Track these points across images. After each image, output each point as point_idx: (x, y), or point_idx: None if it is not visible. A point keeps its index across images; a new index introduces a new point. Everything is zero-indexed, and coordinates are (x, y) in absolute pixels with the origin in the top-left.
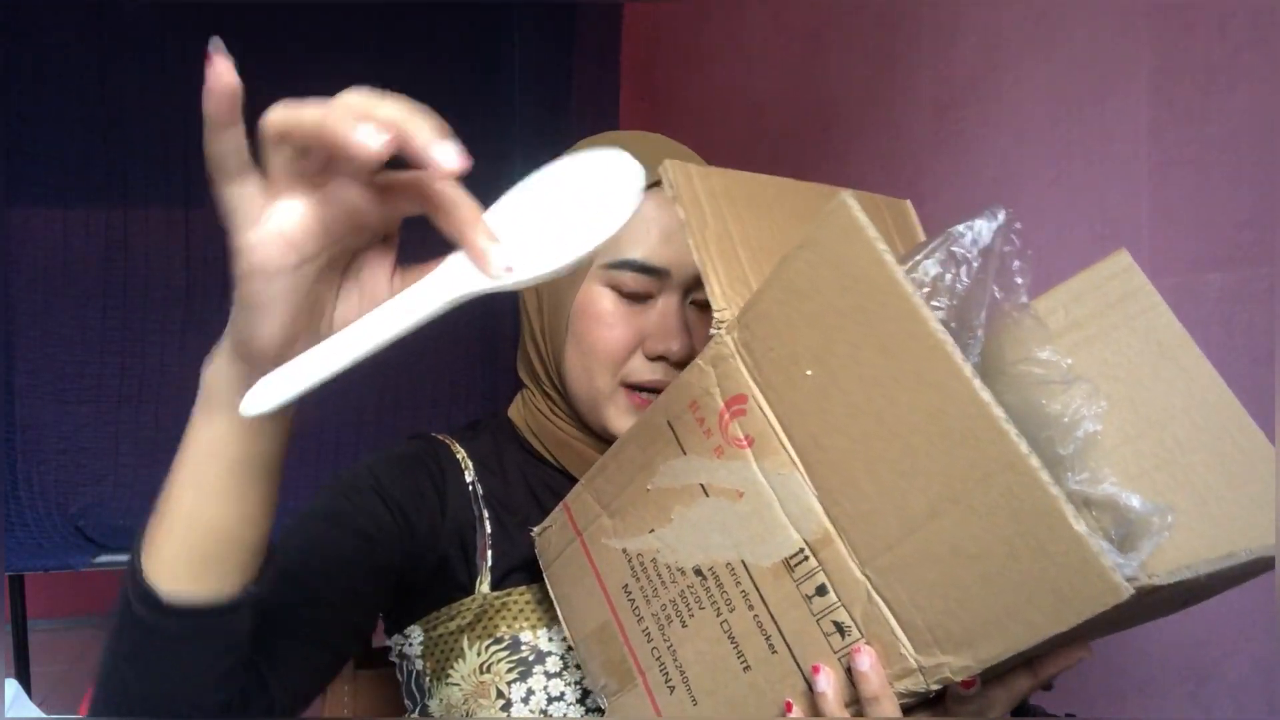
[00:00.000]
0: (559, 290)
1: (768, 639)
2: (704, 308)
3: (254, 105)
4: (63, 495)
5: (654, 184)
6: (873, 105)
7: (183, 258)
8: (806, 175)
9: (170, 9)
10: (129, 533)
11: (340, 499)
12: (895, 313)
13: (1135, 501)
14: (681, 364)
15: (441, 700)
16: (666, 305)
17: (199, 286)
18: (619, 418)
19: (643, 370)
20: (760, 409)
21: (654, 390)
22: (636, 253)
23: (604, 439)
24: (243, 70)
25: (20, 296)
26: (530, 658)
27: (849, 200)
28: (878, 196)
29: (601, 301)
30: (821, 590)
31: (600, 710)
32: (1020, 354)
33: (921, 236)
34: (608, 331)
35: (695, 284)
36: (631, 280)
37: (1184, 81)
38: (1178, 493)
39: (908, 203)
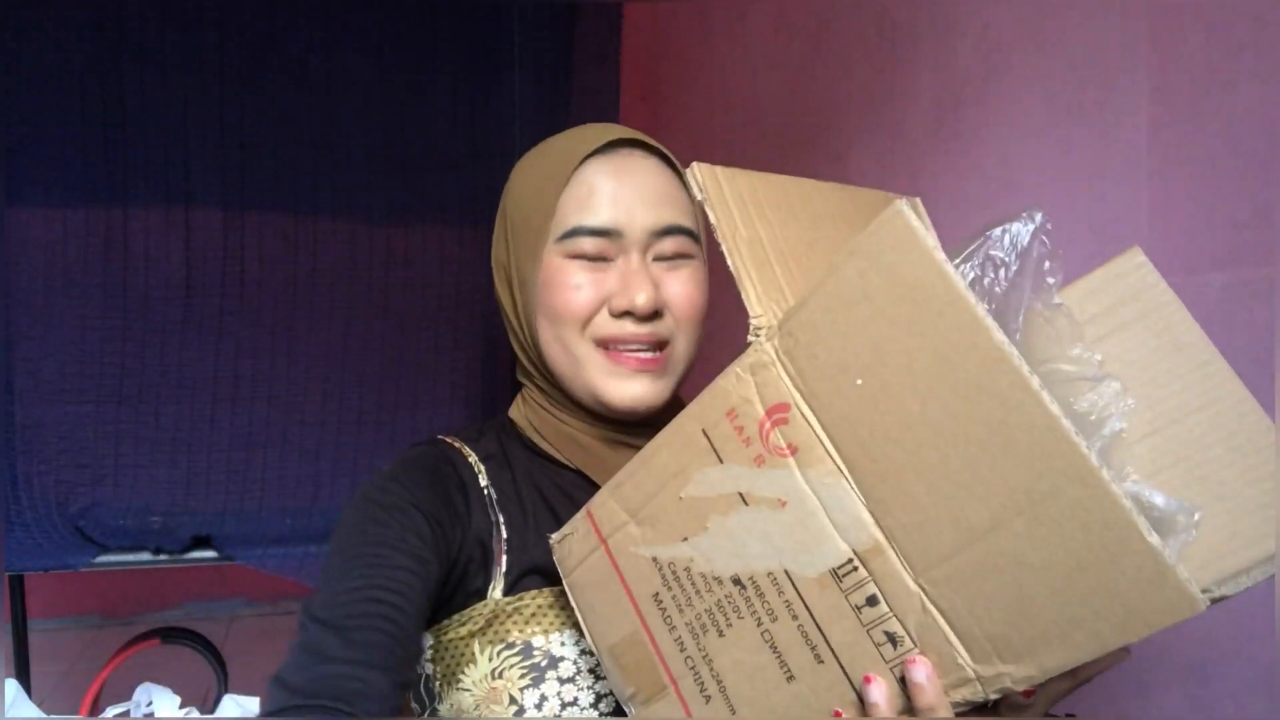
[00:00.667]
0: (524, 273)
1: (813, 649)
2: (668, 259)
3: (254, 104)
4: (63, 495)
5: (594, 153)
6: (873, 105)
7: (183, 258)
8: (806, 175)
9: (171, 8)
10: (129, 533)
11: (385, 522)
12: (956, 323)
13: (1159, 499)
14: (649, 318)
15: (452, 705)
16: (626, 264)
17: (199, 286)
18: (603, 381)
19: (609, 324)
20: (804, 417)
21: (624, 343)
22: (585, 219)
23: (602, 417)
24: (243, 70)
25: (20, 296)
26: (543, 663)
27: (904, 208)
28: (891, 196)
29: (563, 269)
30: (872, 601)
31: (613, 714)
32: (1052, 352)
33: (932, 234)
34: (572, 293)
35: (653, 241)
36: (586, 244)
37: (1184, 81)
38: (1195, 489)
39: (917, 201)
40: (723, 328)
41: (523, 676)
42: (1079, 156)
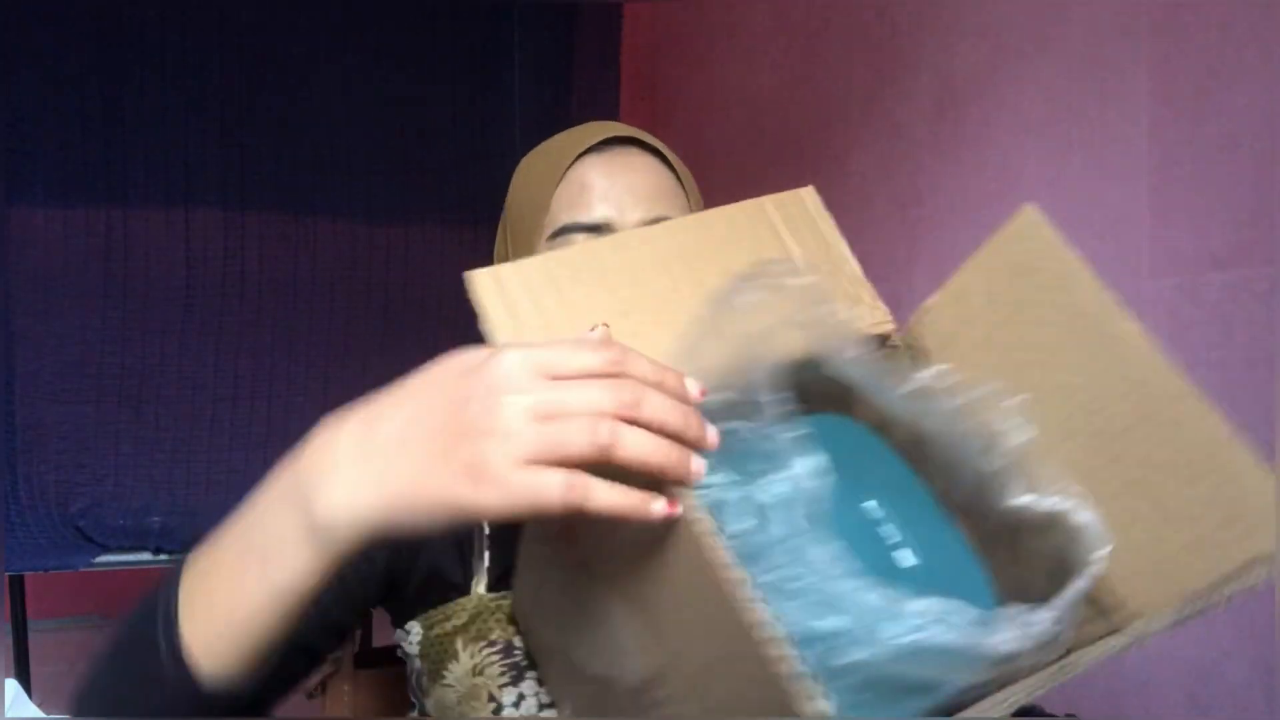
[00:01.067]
0: None
1: None
2: None
3: (254, 104)
4: (63, 495)
5: (588, 150)
6: (873, 105)
7: (183, 258)
8: (806, 175)
9: (171, 8)
10: (129, 533)
11: None
12: None
13: (1085, 516)
14: None
15: (436, 701)
16: None
17: (199, 286)
18: None
19: None
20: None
21: None
22: (577, 216)
23: None
24: (244, 71)
25: (20, 296)
26: (523, 662)
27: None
28: (777, 197)
29: None
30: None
31: None
32: (903, 383)
33: (824, 224)
34: None
35: None
36: (578, 240)
37: (1184, 81)
38: (1130, 495)
39: (807, 190)
40: None
41: (502, 674)
42: (1079, 156)
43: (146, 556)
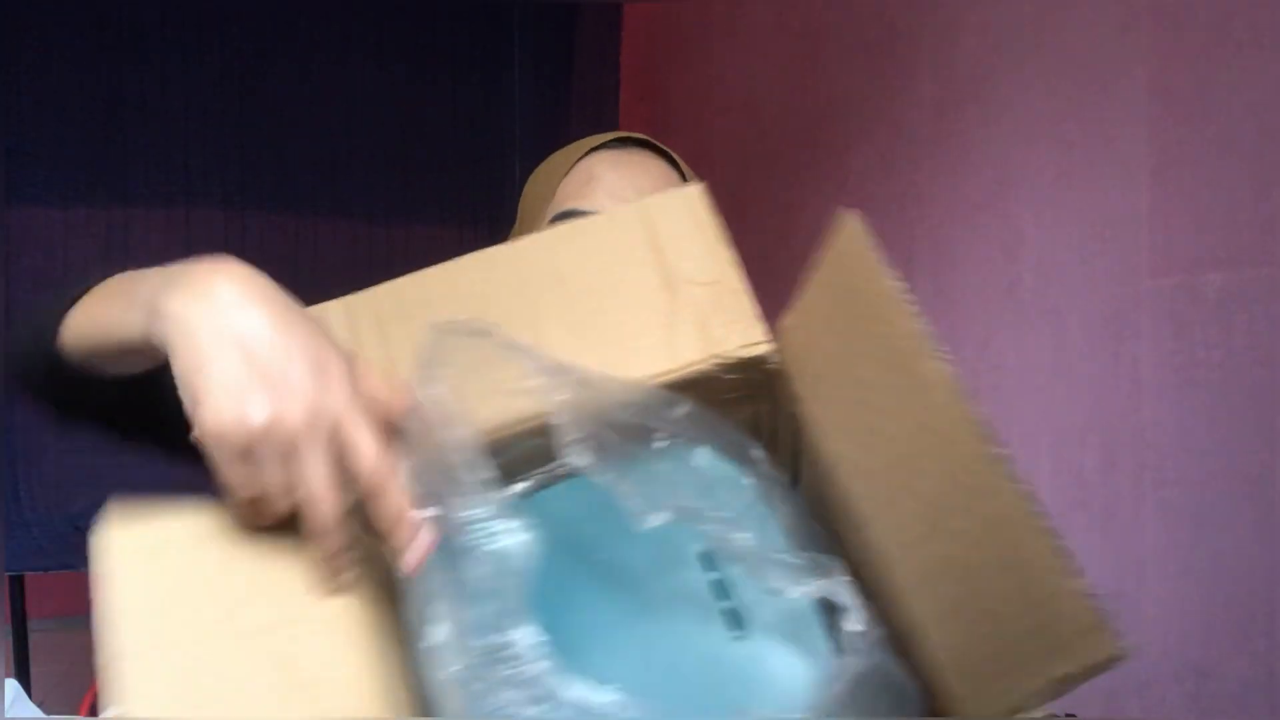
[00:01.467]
0: None
1: None
2: None
3: (254, 104)
4: (63, 495)
5: (601, 147)
6: (873, 105)
7: (183, 258)
8: (806, 175)
9: (172, 9)
10: None
11: None
12: None
13: (843, 599)
14: None
15: None
16: None
17: None
18: None
19: None
20: None
21: None
22: (579, 204)
23: None
24: (244, 70)
25: (20, 296)
26: None
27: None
28: (661, 199)
29: None
30: None
31: None
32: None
33: (708, 228)
34: None
35: None
36: None
37: (1184, 81)
38: (948, 576)
39: (694, 189)
40: None
41: None
42: (1079, 156)
43: None
